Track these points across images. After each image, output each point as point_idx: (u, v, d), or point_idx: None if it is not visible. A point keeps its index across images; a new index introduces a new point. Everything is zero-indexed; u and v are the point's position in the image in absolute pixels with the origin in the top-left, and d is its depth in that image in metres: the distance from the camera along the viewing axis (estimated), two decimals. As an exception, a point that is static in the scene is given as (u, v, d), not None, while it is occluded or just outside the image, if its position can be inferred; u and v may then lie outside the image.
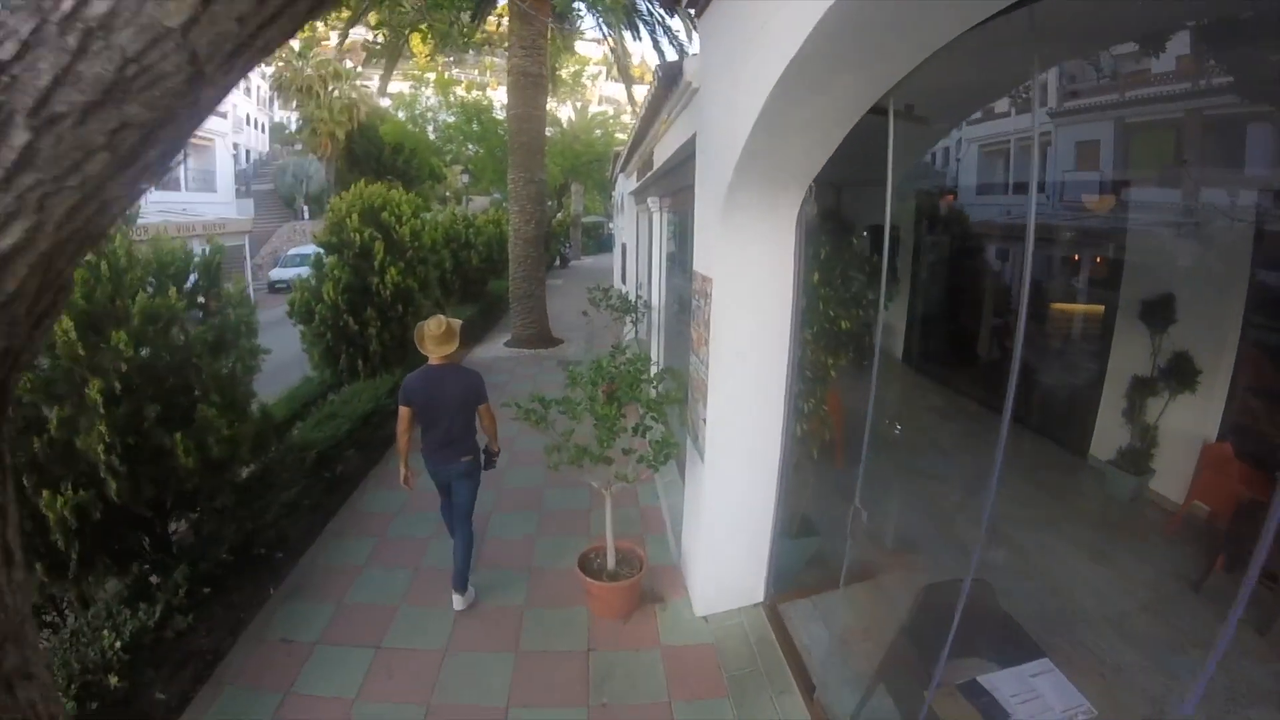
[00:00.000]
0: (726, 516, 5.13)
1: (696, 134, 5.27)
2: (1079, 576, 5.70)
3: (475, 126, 27.47)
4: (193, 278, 5.70)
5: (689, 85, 5.33)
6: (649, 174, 9.60)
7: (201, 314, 5.72)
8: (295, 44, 46.91)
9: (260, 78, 51.33)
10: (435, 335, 5.38)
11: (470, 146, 29.67)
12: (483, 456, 5.67)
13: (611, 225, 52.65)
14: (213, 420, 5.22)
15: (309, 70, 43.83)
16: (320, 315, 9.69)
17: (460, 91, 28.08)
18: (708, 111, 4.85)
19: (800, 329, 4.84)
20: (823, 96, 3.32)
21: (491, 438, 5.73)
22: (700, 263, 5.16)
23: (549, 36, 16.11)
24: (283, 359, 8.44)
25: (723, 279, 4.62)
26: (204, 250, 6.02)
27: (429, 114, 29.87)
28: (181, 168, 35.00)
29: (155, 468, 4.95)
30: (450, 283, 16.10)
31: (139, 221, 6.28)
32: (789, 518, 5.37)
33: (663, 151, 7.95)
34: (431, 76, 29.20)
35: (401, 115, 32.55)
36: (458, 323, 5.72)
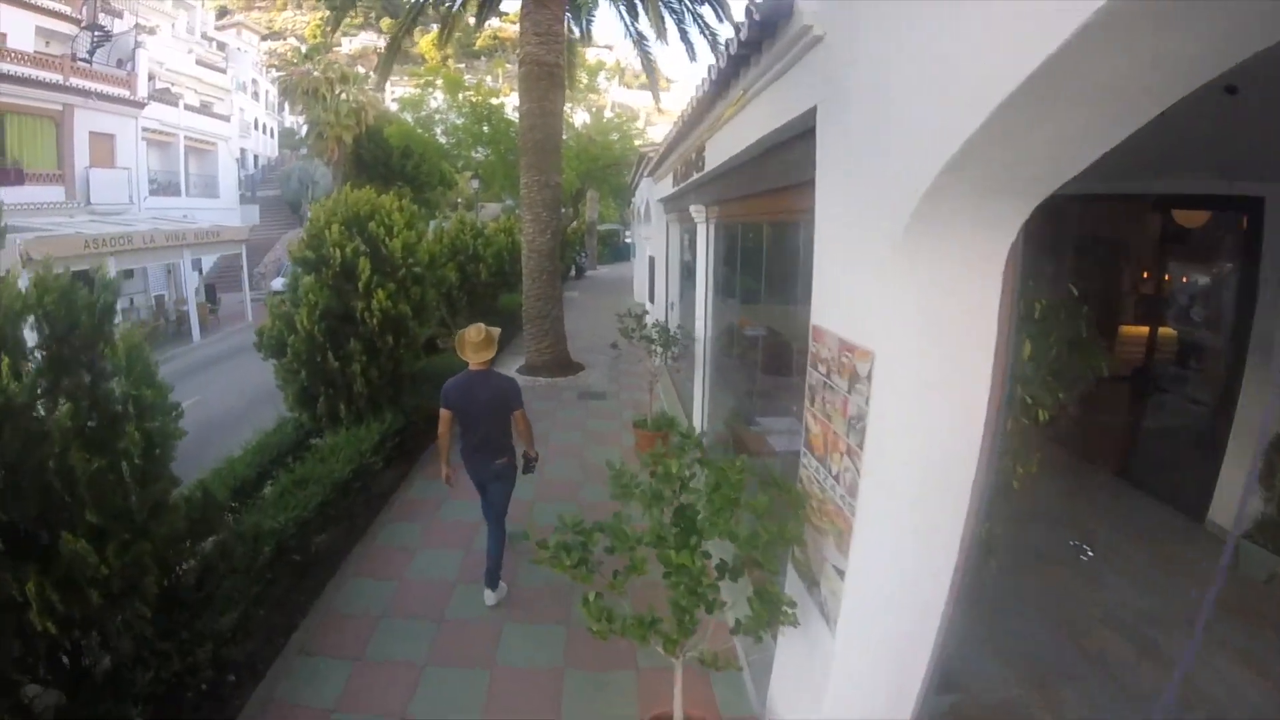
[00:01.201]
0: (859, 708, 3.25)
1: (820, 111, 3.37)
2: (1224, 682, 4.46)
3: (485, 129, 25.58)
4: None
5: (805, 34, 3.39)
6: (695, 176, 7.74)
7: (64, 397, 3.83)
8: (302, 46, 45.78)
9: (269, 82, 50.02)
10: (475, 342, 5.67)
11: (479, 150, 27.80)
12: (521, 461, 5.98)
13: (629, 234, 51.00)
14: (83, 555, 3.40)
15: (316, 73, 42.30)
16: (294, 349, 7.83)
17: (469, 93, 26.07)
18: (856, 74, 2.97)
19: (1000, 426, 2.93)
20: (1142, 53, 1.62)
21: (528, 443, 5.98)
22: (835, 318, 3.32)
23: (565, 25, 14.24)
24: (270, 385, 8.47)
25: (895, 352, 2.74)
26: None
27: (437, 116, 27.89)
28: (181, 172, 33.55)
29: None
30: (456, 300, 14.26)
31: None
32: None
33: (724, 145, 6.08)
34: (440, 80, 27.23)
35: (409, 119, 30.61)
36: (497, 331, 5.96)
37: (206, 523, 5.01)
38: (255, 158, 49.72)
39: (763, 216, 6.12)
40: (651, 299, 14.25)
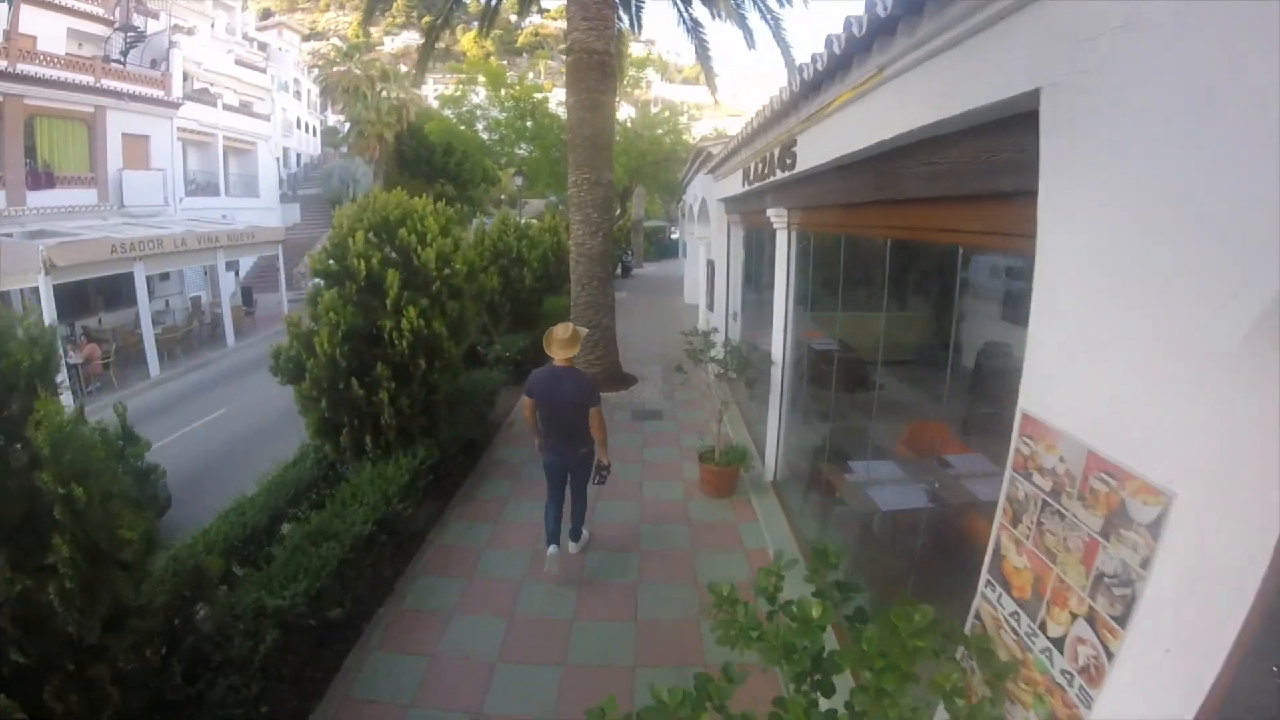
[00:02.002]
0: None
1: (1050, 99, 2.18)
2: None
3: (528, 124, 24.49)
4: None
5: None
6: (779, 176, 6.54)
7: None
8: (342, 44, 45.29)
9: (311, 81, 49.57)
10: (561, 340, 5.97)
11: (523, 147, 26.74)
12: (593, 469, 6.22)
13: (675, 230, 49.75)
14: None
15: (357, 71, 41.68)
16: (312, 374, 6.79)
17: (512, 87, 24.94)
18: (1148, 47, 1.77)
19: None
20: None
21: (601, 447, 6.13)
22: (1077, 415, 2.23)
23: (615, 11, 13.07)
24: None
25: (1208, 504, 1.59)
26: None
27: (478, 110, 26.79)
28: (221, 173, 33.07)
29: None
30: (499, 307, 13.20)
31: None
32: None
33: (829, 140, 4.89)
34: (481, 75, 26.12)
35: (450, 115, 29.65)
36: (584, 331, 6.42)
37: (196, 599, 4.02)
38: (298, 156, 49.39)
39: (883, 230, 4.90)
40: (710, 306, 13.06)
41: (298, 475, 7.24)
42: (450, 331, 7.50)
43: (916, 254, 5.31)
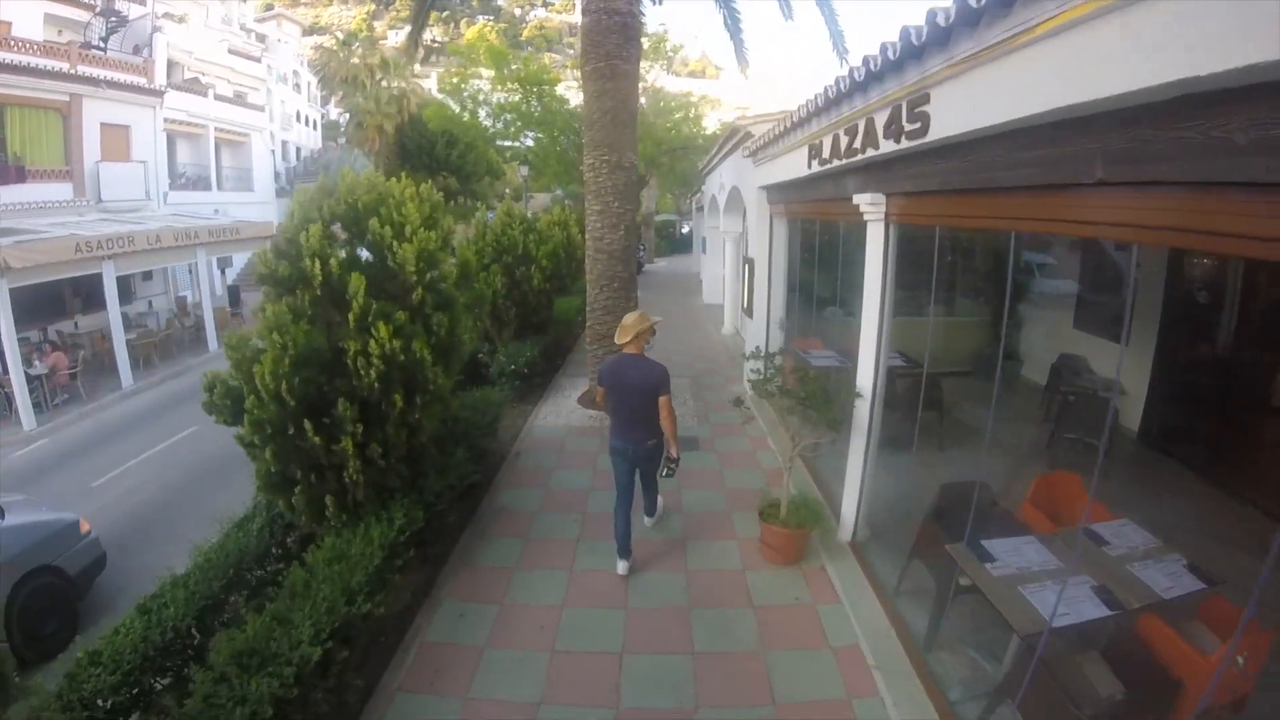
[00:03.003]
0: None
1: None
2: None
3: (534, 108, 22.40)
4: None
5: None
6: (894, 147, 4.70)
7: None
8: (340, 33, 43.34)
9: (310, 73, 47.67)
10: (631, 327, 5.86)
11: (529, 135, 24.68)
12: (662, 461, 5.98)
13: (685, 225, 47.56)
14: None
15: (355, 60, 39.73)
16: (252, 416, 4.98)
17: (515, 66, 22.64)
18: None
19: None
20: None
21: (671, 438, 5.89)
22: None
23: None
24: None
25: None
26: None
27: (479, 95, 24.54)
28: (212, 166, 31.32)
29: None
30: (504, 312, 11.37)
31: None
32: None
33: (1011, 87, 3.09)
34: (482, 54, 23.84)
35: (451, 104, 27.65)
36: (658, 319, 6.23)
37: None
38: (297, 150, 47.60)
39: (1117, 230, 3.02)
40: (749, 312, 11.16)
41: (242, 545, 5.45)
42: (437, 355, 5.67)
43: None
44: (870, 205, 5.44)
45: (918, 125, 4.17)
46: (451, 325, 5.90)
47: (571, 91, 23.41)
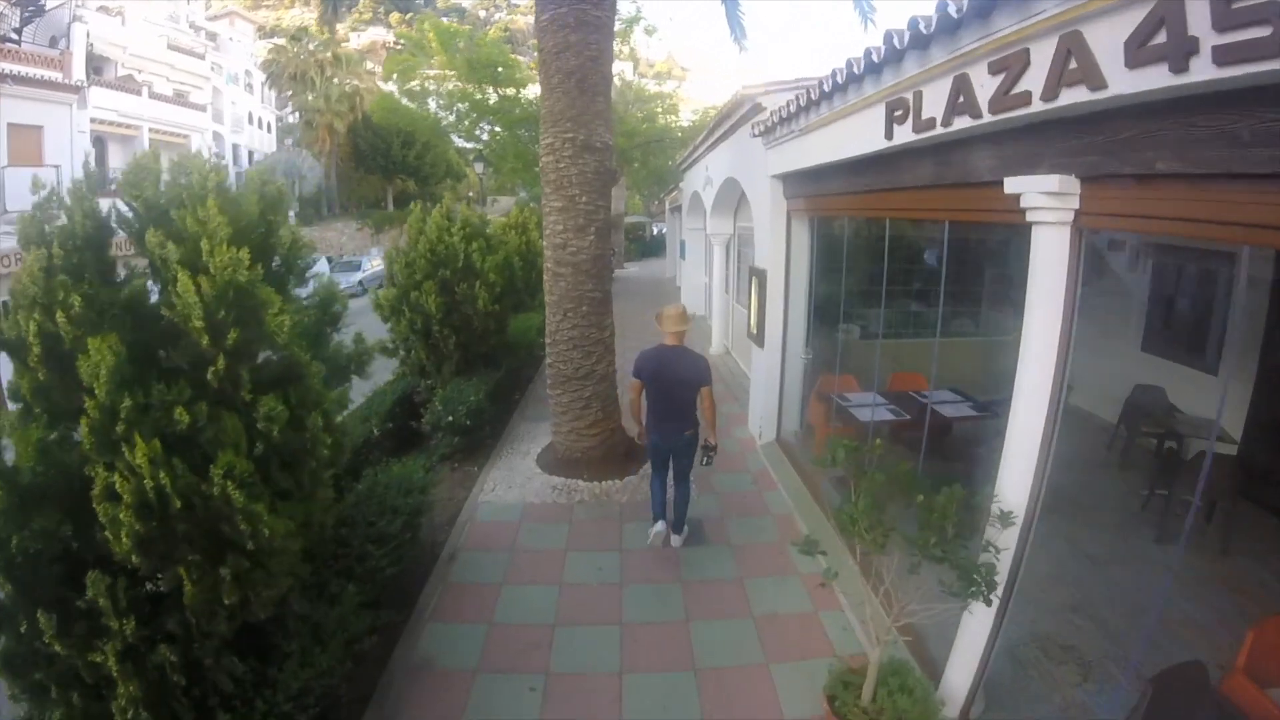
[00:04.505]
0: None
1: None
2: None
3: (490, 96, 19.36)
4: None
5: None
6: (1120, 91, 2.19)
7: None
8: (278, 23, 40.13)
9: (259, 68, 44.42)
10: (673, 317, 5.66)
11: (485, 127, 21.68)
12: (700, 450, 5.81)
13: (658, 226, 44.64)
14: None
15: (305, 56, 36.65)
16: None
17: (464, 40, 19.43)
18: None
19: None
20: None
21: (709, 428, 5.76)
22: None
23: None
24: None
25: None
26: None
27: (429, 84, 21.51)
28: (148, 170, 28.29)
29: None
30: (442, 341, 8.71)
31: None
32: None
33: None
34: (430, 32, 20.58)
35: (404, 99, 24.79)
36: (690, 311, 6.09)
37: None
38: (250, 154, 44.22)
39: None
40: (757, 340, 8.50)
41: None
42: (269, 474, 3.06)
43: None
44: (1045, 197, 2.93)
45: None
46: (298, 413, 3.26)
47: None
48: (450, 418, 7.74)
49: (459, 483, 7.62)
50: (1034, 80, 2.82)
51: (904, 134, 4.04)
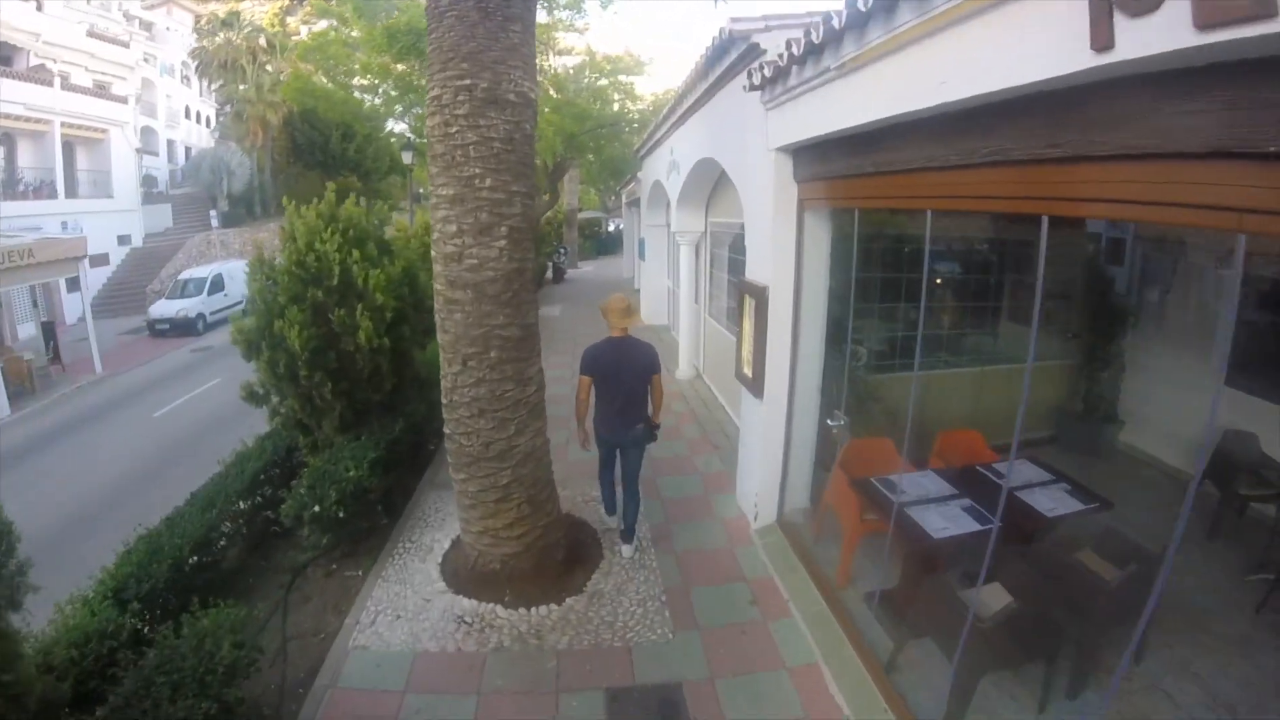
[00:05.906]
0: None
1: None
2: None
3: (414, 70, 16.35)
4: None
5: None
6: None
7: None
8: (221, 12, 36.69)
9: (189, 56, 40.85)
10: (618, 309, 5.31)
11: (411, 110, 18.65)
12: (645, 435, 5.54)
13: (614, 222, 41.64)
14: None
15: (236, 42, 33.20)
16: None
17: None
18: None
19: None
20: None
21: (656, 409, 5.50)
22: None
23: None
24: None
25: None
26: None
27: (355, 61, 18.17)
28: (58, 168, 25.05)
29: None
30: (314, 390, 6.06)
31: None
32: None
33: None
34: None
35: (321, 78, 21.73)
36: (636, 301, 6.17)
37: None
38: (186, 150, 40.63)
39: None
40: (757, 389, 5.69)
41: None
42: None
43: None
44: None
45: None
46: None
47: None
48: (316, 507, 5.16)
49: (332, 601, 5.09)
50: None
51: (1150, 35, 1.57)
